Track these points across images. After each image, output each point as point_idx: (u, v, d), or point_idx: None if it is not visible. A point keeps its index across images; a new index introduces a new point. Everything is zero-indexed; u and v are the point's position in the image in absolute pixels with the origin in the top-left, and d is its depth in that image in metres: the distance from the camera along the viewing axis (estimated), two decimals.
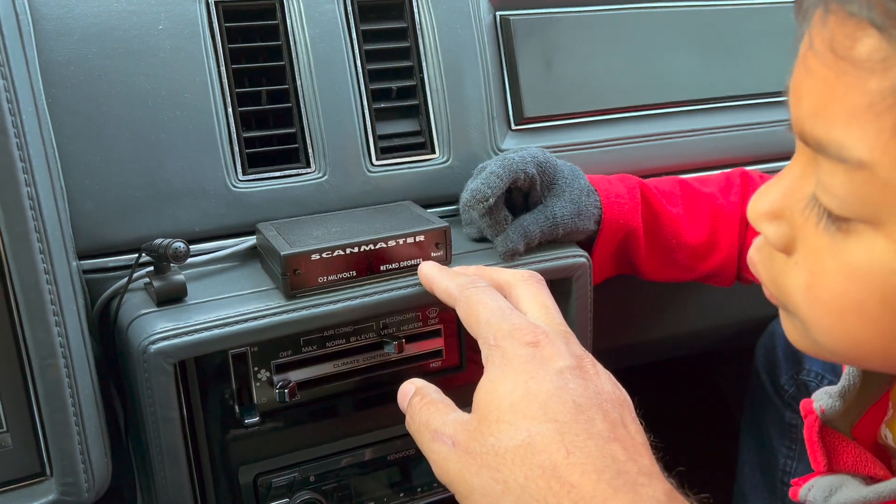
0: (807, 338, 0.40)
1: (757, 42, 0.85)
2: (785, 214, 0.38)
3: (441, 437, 0.40)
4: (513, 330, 0.41)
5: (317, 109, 0.67)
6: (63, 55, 0.60)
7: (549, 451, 0.35)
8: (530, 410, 0.37)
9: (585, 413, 0.37)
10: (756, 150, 0.83)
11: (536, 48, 0.76)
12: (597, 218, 0.66)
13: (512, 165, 0.62)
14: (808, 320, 0.38)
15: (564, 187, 0.65)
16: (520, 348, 0.40)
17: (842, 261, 0.35)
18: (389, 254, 0.60)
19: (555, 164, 0.66)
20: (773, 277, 0.40)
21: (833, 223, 0.35)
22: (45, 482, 0.51)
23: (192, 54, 0.64)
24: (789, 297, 0.39)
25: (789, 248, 0.38)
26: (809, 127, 0.35)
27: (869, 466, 0.45)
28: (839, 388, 0.46)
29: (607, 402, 0.38)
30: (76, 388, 0.49)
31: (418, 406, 0.43)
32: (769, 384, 0.90)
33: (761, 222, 0.39)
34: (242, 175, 0.65)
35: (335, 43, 0.68)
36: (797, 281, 0.38)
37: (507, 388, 0.38)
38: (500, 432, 0.37)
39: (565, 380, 0.38)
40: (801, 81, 0.35)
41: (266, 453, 0.62)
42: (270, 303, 0.57)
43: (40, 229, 0.46)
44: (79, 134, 0.60)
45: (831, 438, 0.46)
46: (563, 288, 0.67)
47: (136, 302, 0.58)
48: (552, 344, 0.41)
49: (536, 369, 0.39)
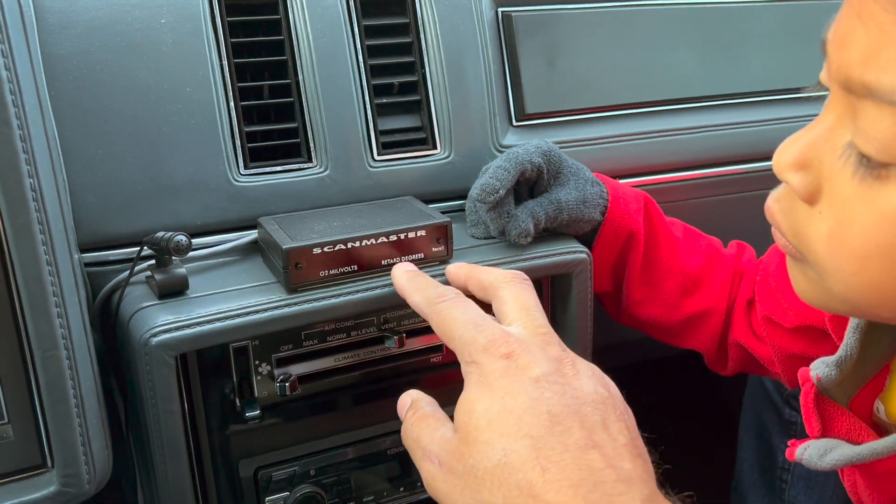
0: (818, 286, 0.41)
1: (759, 40, 0.85)
2: (812, 164, 0.39)
3: (429, 455, 0.40)
4: (487, 344, 0.41)
5: (318, 104, 0.67)
6: (65, 48, 0.60)
7: (525, 470, 0.35)
8: (506, 427, 0.37)
9: (561, 423, 0.37)
10: (758, 148, 0.83)
11: (538, 44, 0.76)
12: (602, 209, 0.67)
13: (518, 158, 0.63)
14: (827, 268, 0.39)
15: (570, 176, 0.66)
16: (495, 362, 0.40)
17: (874, 207, 0.36)
18: (391, 248, 0.60)
19: (560, 154, 0.66)
20: (792, 227, 0.41)
21: (869, 170, 0.36)
22: (47, 473, 0.51)
23: (194, 48, 0.64)
24: (809, 245, 0.40)
25: (813, 198, 0.39)
26: (859, 73, 0.35)
27: (862, 435, 0.46)
28: (836, 358, 0.47)
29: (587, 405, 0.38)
30: (78, 379, 0.49)
31: (411, 421, 0.43)
32: (768, 382, 0.90)
33: (787, 172, 0.40)
34: (244, 169, 0.65)
35: (337, 38, 0.68)
36: (820, 229, 0.39)
37: (484, 405, 0.38)
38: (478, 453, 0.37)
39: (541, 389, 0.38)
40: (850, 29, 0.36)
41: (266, 447, 0.62)
42: (272, 296, 0.57)
43: (43, 221, 0.46)
44: (81, 127, 0.60)
45: (826, 407, 0.48)
46: (563, 284, 0.67)
47: (137, 295, 0.58)
48: (528, 352, 0.40)
49: (512, 383, 0.39)
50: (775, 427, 0.90)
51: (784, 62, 0.85)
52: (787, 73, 0.86)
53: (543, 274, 0.65)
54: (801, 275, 0.43)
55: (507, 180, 0.62)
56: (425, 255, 0.61)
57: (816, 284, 0.41)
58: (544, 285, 0.68)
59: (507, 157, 0.63)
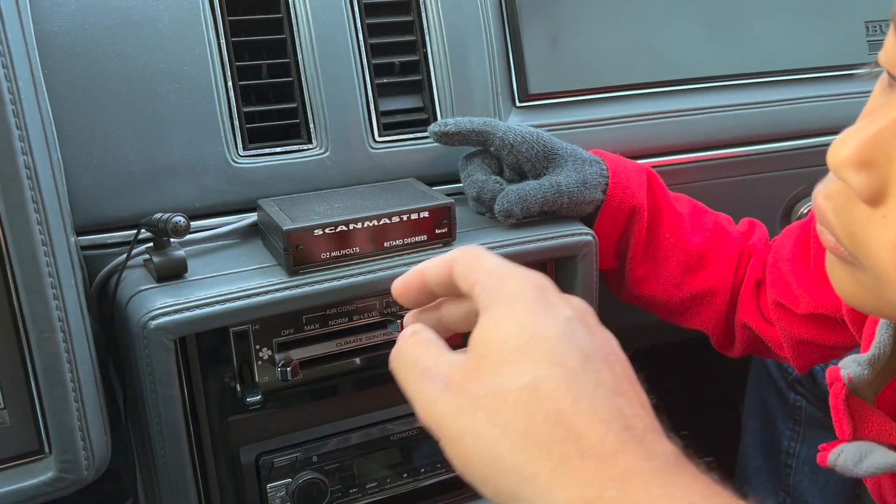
0: (872, 294, 0.38)
1: (763, 20, 0.83)
2: (878, 162, 0.35)
3: (432, 376, 0.36)
4: (516, 275, 0.38)
5: (318, 84, 0.66)
6: (59, 25, 0.59)
7: (555, 397, 0.33)
8: (537, 353, 0.34)
9: (593, 363, 0.35)
10: (761, 129, 0.82)
11: (541, 24, 0.74)
12: (603, 187, 0.66)
13: (490, 121, 0.65)
14: (890, 278, 0.36)
15: (566, 158, 0.65)
16: (528, 289, 0.37)
17: None
18: (394, 230, 0.59)
19: (546, 140, 0.66)
20: (848, 229, 0.37)
21: None
22: (45, 459, 0.50)
23: (191, 26, 0.62)
24: (868, 251, 0.36)
25: (878, 200, 0.35)
26: None
27: (894, 436, 0.45)
28: (869, 357, 0.45)
29: (612, 356, 0.36)
30: (75, 363, 0.48)
31: (410, 342, 0.39)
32: (773, 367, 0.90)
33: (847, 169, 0.35)
34: (243, 150, 0.64)
35: (337, 16, 0.67)
36: (884, 236, 0.35)
37: (513, 328, 0.35)
38: (502, 374, 0.34)
39: (573, 327, 0.36)
40: None
41: (268, 433, 0.61)
42: (273, 279, 0.56)
43: (38, 199, 0.45)
44: (76, 107, 0.59)
45: (857, 407, 0.46)
46: (568, 267, 0.66)
47: (135, 278, 0.57)
48: (556, 292, 0.38)
49: (544, 313, 0.36)
50: (780, 412, 0.89)
51: (793, 40, 0.84)
52: (797, 51, 0.85)
53: (548, 257, 0.64)
54: (850, 278, 0.39)
55: (462, 126, 0.65)
56: (428, 236, 0.60)
57: (869, 291, 0.38)
58: (548, 268, 0.67)
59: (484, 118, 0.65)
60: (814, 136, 0.84)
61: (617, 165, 0.67)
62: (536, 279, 0.38)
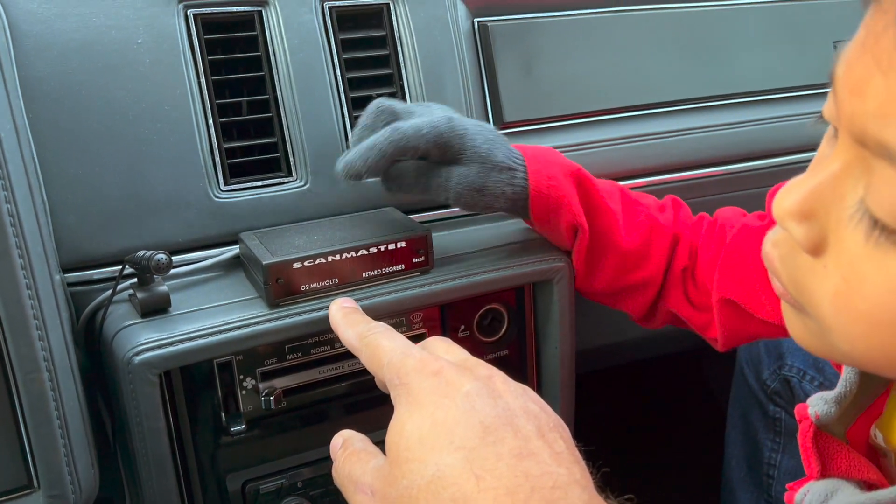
0: (820, 340, 0.38)
1: (735, 42, 0.86)
2: (818, 214, 0.35)
3: (361, 487, 0.39)
4: (416, 364, 0.40)
5: (297, 118, 0.68)
6: (43, 70, 0.60)
7: (459, 483, 0.34)
8: (438, 442, 0.36)
9: (494, 433, 0.36)
10: (736, 149, 0.84)
11: (515, 54, 0.76)
12: (507, 199, 0.62)
13: (403, 137, 0.57)
14: (832, 326, 0.36)
15: (474, 159, 0.60)
16: (424, 380, 0.39)
17: (888, 273, 0.33)
18: (371, 261, 0.61)
19: (462, 133, 0.60)
20: (793, 277, 0.38)
21: (883, 234, 0.32)
22: (32, 494, 0.51)
23: (171, 67, 0.64)
24: (811, 298, 0.37)
25: (818, 250, 0.36)
26: (876, 129, 0.31)
27: (863, 471, 0.44)
28: (835, 395, 0.45)
29: (519, 416, 0.37)
30: (61, 401, 0.50)
31: (342, 458, 0.42)
32: (753, 379, 0.91)
33: (789, 220, 0.36)
34: (224, 185, 0.66)
35: (314, 52, 0.69)
36: (825, 285, 0.35)
37: (415, 423, 0.37)
38: (410, 472, 0.36)
39: (472, 401, 0.37)
40: (867, 77, 0.31)
41: (253, 460, 0.62)
42: (254, 311, 0.58)
43: (21, 245, 0.47)
44: (60, 148, 0.61)
45: (826, 443, 0.45)
46: (544, 291, 0.68)
47: (120, 313, 0.59)
48: (457, 370, 0.40)
49: (442, 398, 0.38)
50: (761, 424, 0.91)
51: (766, 61, 0.86)
52: (769, 73, 0.87)
53: (524, 281, 0.66)
54: (801, 324, 0.39)
55: (375, 165, 0.57)
56: (406, 266, 0.62)
57: (818, 338, 0.38)
58: (526, 292, 0.69)
59: (389, 137, 0.57)
60: (788, 154, 0.86)
61: (540, 183, 0.62)
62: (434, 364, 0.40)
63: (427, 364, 0.40)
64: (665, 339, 0.97)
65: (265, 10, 0.68)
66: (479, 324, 0.68)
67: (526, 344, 0.70)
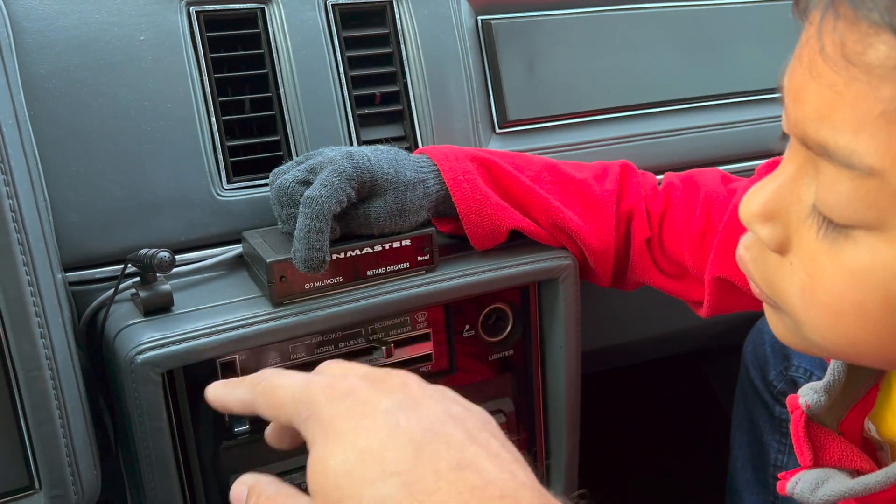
0: (796, 335, 0.40)
1: (736, 41, 0.85)
2: (779, 215, 0.38)
3: None
4: (323, 389, 0.36)
5: (300, 116, 0.67)
6: (44, 68, 0.60)
7: None
8: (368, 472, 0.32)
9: (427, 448, 0.33)
10: (737, 149, 0.84)
11: (518, 52, 0.76)
12: (429, 207, 0.62)
13: (325, 207, 0.54)
14: (803, 319, 0.38)
15: (387, 186, 0.59)
16: (337, 404, 0.35)
17: (842, 265, 0.35)
18: (376, 259, 0.60)
19: (367, 166, 0.58)
20: (765, 276, 0.40)
21: (833, 230, 0.35)
22: (34, 495, 0.50)
23: (174, 64, 0.64)
24: (782, 295, 0.39)
25: (783, 249, 0.38)
26: (813, 131, 0.34)
27: (855, 460, 0.45)
28: (824, 384, 0.46)
29: (447, 423, 0.34)
30: (63, 400, 0.49)
31: None
32: (759, 380, 0.91)
33: (754, 222, 0.39)
34: (227, 183, 0.65)
35: (317, 50, 0.68)
36: (792, 281, 0.38)
37: (338, 456, 0.33)
38: None
39: (395, 418, 0.34)
40: (803, 84, 0.34)
41: (257, 462, 0.62)
42: (258, 310, 0.57)
43: (23, 241, 0.46)
44: (62, 146, 0.60)
45: (817, 433, 0.46)
46: (550, 290, 0.67)
47: (122, 313, 0.58)
48: (368, 385, 0.36)
49: (360, 420, 0.34)
50: (766, 425, 0.90)
51: (764, 62, 0.86)
52: (768, 72, 0.86)
53: (530, 279, 0.66)
54: (779, 321, 0.42)
55: (325, 242, 0.55)
56: (410, 264, 0.62)
57: (794, 332, 0.40)
58: (531, 291, 0.68)
59: (312, 208, 0.54)
60: None
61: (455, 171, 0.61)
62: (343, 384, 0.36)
63: (335, 386, 0.36)
64: (667, 341, 0.97)
65: (268, 8, 0.68)
66: (483, 323, 0.68)
67: (531, 344, 0.70)
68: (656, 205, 0.66)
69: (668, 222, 0.65)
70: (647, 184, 0.68)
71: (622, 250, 0.67)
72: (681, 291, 0.67)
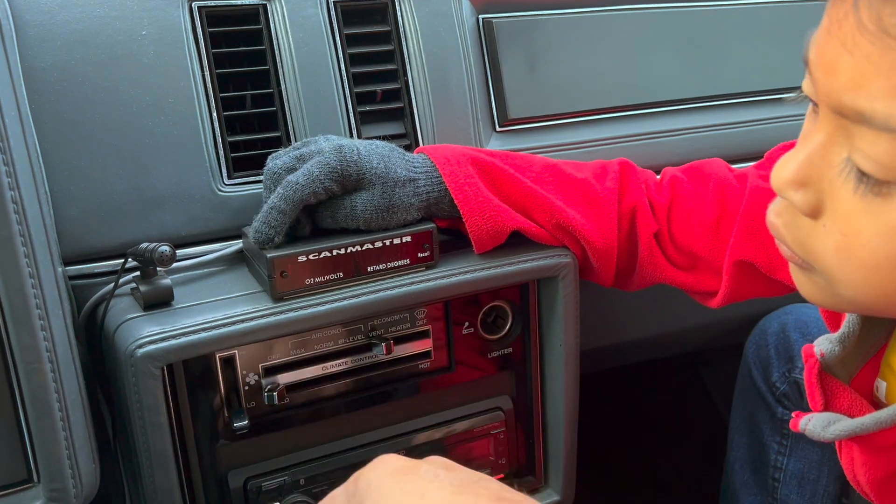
0: (826, 292, 0.43)
1: (737, 42, 0.86)
2: (812, 181, 0.40)
3: None
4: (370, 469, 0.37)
5: (301, 113, 0.67)
6: (46, 61, 0.60)
7: None
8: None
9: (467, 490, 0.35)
10: (737, 149, 0.84)
11: (519, 50, 0.76)
12: (419, 207, 0.62)
13: (297, 194, 0.57)
14: (837, 276, 0.41)
15: (374, 181, 0.59)
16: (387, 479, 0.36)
17: (879, 221, 0.38)
18: (376, 255, 0.60)
19: (356, 160, 0.59)
20: (798, 240, 0.42)
21: (871, 188, 0.38)
22: (33, 488, 0.50)
23: (175, 59, 0.64)
24: (815, 255, 0.41)
25: (817, 213, 0.41)
26: (850, 100, 0.36)
27: (864, 410, 0.48)
28: (839, 335, 0.49)
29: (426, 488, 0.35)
30: (63, 392, 0.49)
31: None
32: (761, 381, 0.90)
33: (787, 189, 0.41)
34: (228, 179, 0.65)
35: (319, 47, 0.68)
36: (825, 242, 0.40)
37: None
38: None
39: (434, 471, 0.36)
40: (835, 56, 0.36)
41: (256, 457, 0.62)
42: (258, 305, 0.57)
43: (25, 233, 0.46)
44: (63, 140, 0.60)
45: (829, 383, 0.49)
46: (549, 288, 0.67)
47: (122, 307, 0.58)
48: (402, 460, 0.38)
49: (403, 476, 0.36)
50: (768, 426, 0.90)
51: (766, 63, 0.86)
52: (769, 73, 0.87)
53: (529, 277, 0.66)
54: (808, 281, 0.44)
55: (282, 225, 0.57)
56: (411, 260, 0.62)
57: (825, 290, 0.43)
58: (531, 289, 0.68)
59: (284, 196, 0.57)
60: None
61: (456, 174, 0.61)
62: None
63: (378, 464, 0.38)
64: (666, 342, 0.97)
65: (270, 4, 0.68)
66: (483, 321, 0.68)
67: (530, 342, 0.70)
68: (661, 198, 0.66)
69: (677, 213, 0.66)
70: (647, 179, 0.68)
71: (625, 248, 0.67)
72: (692, 283, 0.67)
